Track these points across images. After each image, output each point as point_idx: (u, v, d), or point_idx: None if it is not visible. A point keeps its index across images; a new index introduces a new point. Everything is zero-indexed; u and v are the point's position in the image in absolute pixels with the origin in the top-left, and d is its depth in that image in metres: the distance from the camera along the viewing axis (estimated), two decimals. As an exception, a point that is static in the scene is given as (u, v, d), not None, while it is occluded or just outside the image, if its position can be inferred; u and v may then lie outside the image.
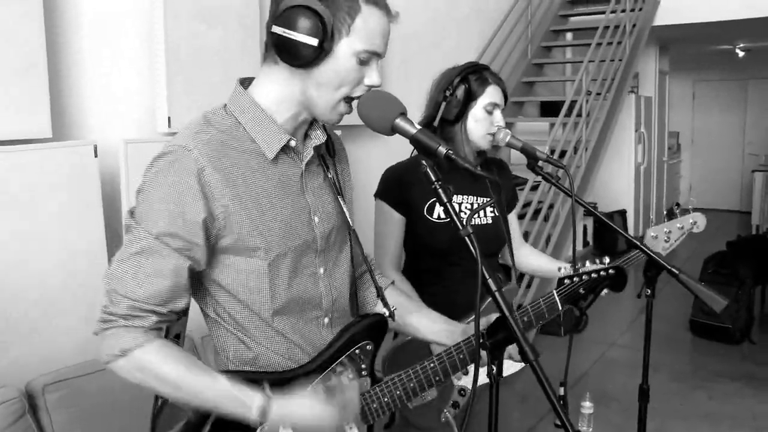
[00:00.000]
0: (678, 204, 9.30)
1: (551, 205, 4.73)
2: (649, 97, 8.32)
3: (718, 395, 4.01)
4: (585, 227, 7.23)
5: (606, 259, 1.43)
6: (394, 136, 1.17)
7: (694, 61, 10.20)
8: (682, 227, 1.83)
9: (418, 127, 1.13)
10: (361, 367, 1.30)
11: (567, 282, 1.40)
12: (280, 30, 1.12)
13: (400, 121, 1.13)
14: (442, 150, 1.09)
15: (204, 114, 1.20)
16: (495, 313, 1.12)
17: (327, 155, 1.33)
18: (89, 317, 2.30)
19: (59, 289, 2.29)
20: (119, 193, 2.48)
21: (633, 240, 1.75)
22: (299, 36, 1.10)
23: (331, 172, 1.32)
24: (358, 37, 1.12)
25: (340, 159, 1.38)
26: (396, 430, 1.44)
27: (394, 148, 2.00)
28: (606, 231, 7.19)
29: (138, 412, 1.46)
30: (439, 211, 1.86)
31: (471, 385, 1.74)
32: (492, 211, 1.95)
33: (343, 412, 1.18)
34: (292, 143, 1.21)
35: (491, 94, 1.85)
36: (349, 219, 1.33)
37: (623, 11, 5.71)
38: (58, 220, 2.28)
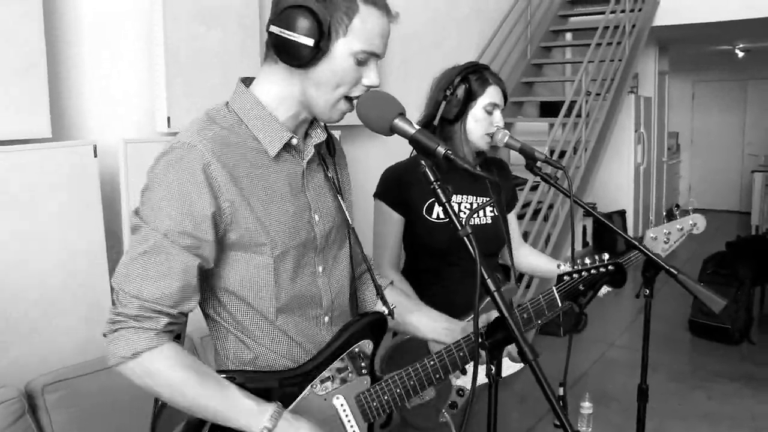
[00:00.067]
0: (678, 205, 9.30)
1: (551, 206, 4.73)
2: (649, 97, 8.32)
3: (717, 395, 4.01)
4: (584, 228, 7.22)
5: (605, 256, 1.43)
6: (393, 136, 1.17)
7: (693, 61, 10.20)
8: (682, 228, 1.83)
9: (417, 127, 1.13)
10: (361, 365, 1.31)
11: (566, 279, 1.40)
12: (277, 30, 1.12)
13: (398, 122, 1.14)
14: (441, 150, 1.09)
15: (207, 111, 1.20)
16: (495, 311, 1.12)
17: (327, 154, 1.33)
18: (89, 317, 2.34)
19: (59, 289, 2.29)
20: (119, 193, 2.48)
21: (632, 240, 1.74)
22: (296, 36, 1.10)
23: (330, 172, 1.32)
24: (355, 38, 1.12)
25: (339, 160, 1.38)
26: (394, 430, 1.44)
27: (393, 148, 2.01)
28: (605, 231, 7.19)
29: (138, 413, 1.46)
30: (438, 211, 1.86)
31: (469, 385, 1.74)
32: (491, 211, 1.95)
33: None
34: (294, 141, 1.21)
35: (491, 95, 1.85)
36: (348, 218, 1.34)
37: (623, 11, 5.71)
38: (57, 220, 2.28)
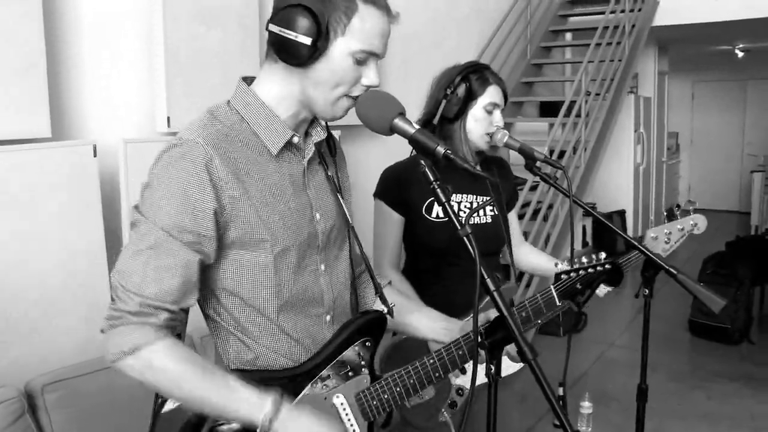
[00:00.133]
0: (678, 206, 9.31)
1: (550, 206, 4.73)
2: (649, 97, 8.32)
3: (716, 395, 4.01)
4: (584, 227, 7.22)
5: (602, 255, 1.43)
6: (392, 136, 1.17)
7: (693, 61, 10.20)
8: (683, 228, 1.83)
9: (417, 126, 1.13)
10: (361, 364, 1.31)
11: (564, 277, 1.41)
12: (276, 28, 1.12)
13: (398, 121, 1.14)
14: (441, 150, 1.09)
15: (209, 109, 1.20)
16: (494, 310, 1.12)
17: (327, 153, 1.33)
18: (89, 317, 2.34)
19: (59, 289, 2.29)
20: (119, 193, 2.48)
21: (631, 240, 1.74)
22: (294, 35, 1.10)
23: (330, 171, 1.32)
24: (354, 37, 1.12)
25: (339, 159, 1.39)
26: (394, 429, 1.44)
27: (392, 148, 2.01)
28: (605, 231, 7.18)
29: (138, 412, 1.46)
30: (437, 210, 1.86)
31: (469, 385, 1.74)
32: (491, 210, 1.95)
33: None
34: (295, 139, 1.21)
35: (492, 94, 1.86)
36: (348, 217, 1.34)
37: (622, 11, 5.72)
38: (57, 220, 2.28)
